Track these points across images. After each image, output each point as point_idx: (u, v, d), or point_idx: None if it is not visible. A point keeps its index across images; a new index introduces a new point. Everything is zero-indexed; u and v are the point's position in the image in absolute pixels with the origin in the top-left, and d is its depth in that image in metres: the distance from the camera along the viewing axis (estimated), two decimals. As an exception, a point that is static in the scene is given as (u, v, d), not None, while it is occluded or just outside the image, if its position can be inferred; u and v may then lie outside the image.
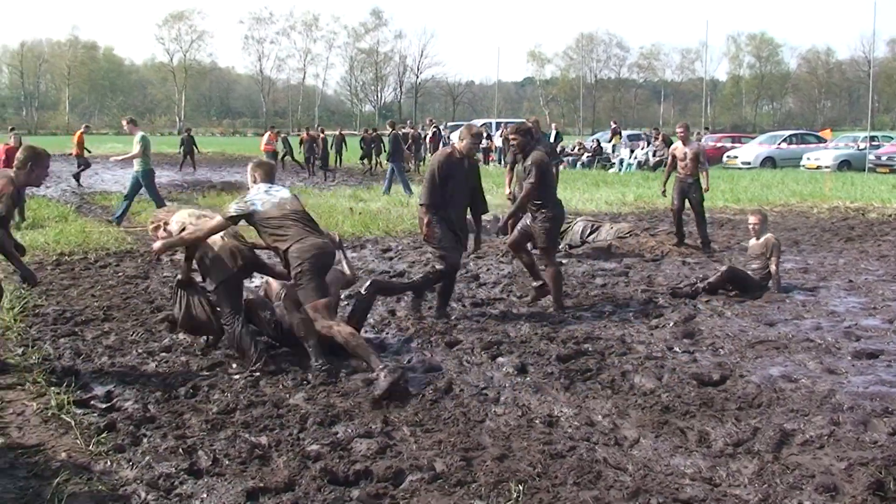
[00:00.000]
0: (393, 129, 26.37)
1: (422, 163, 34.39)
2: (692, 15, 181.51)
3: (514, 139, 9.70)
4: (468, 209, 9.07)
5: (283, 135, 37.44)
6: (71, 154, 30.27)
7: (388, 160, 26.34)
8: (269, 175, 7.62)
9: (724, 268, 10.42)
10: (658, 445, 5.40)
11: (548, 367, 7.04)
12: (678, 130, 14.02)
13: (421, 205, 8.87)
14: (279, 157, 33.81)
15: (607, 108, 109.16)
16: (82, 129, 30.05)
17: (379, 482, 4.82)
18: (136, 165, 16.80)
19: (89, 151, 29.82)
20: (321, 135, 34.66)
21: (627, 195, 22.91)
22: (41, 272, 11.42)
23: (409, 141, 32.56)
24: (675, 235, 13.90)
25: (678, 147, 13.88)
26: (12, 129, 27.86)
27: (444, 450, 5.28)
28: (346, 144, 38.36)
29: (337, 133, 38.99)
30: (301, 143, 34.56)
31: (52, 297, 9.89)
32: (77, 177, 28.11)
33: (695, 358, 7.42)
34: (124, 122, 17.74)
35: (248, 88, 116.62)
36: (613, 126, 42.66)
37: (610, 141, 39.11)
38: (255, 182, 7.50)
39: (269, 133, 34.52)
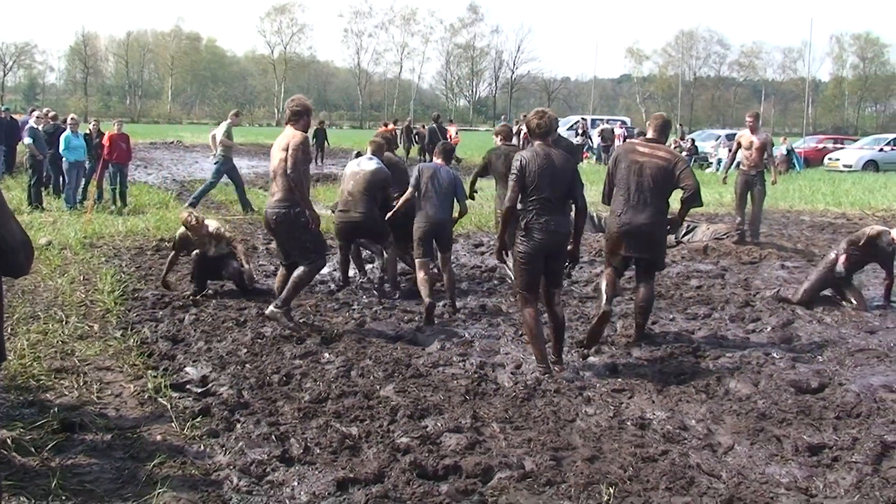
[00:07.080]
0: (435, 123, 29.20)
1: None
2: (795, 13, 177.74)
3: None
4: None
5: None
6: None
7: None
8: (375, 150, 9.68)
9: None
10: (753, 453, 5.29)
11: (640, 369, 6.94)
12: (748, 119, 13.68)
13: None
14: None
15: (706, 106, 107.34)
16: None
17: (468, 478, 4.81)
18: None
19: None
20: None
21: (725, 196, 22.42)
22: (141, 257, 11.73)
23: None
24: (735, 232, 13.58)
25: (744, 135, 13.57)
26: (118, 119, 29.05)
27: (534, 448, 5.25)
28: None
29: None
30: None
31: (151, 282, 10.12)
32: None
33: (792, 364, 7.23)
34: None
35: (346, 81, 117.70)
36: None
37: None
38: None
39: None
